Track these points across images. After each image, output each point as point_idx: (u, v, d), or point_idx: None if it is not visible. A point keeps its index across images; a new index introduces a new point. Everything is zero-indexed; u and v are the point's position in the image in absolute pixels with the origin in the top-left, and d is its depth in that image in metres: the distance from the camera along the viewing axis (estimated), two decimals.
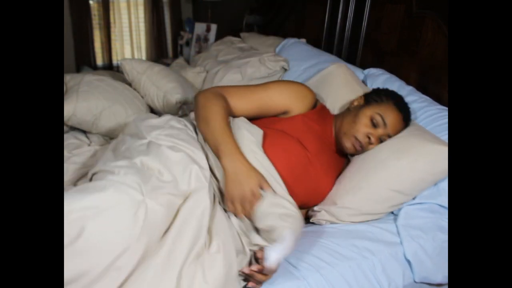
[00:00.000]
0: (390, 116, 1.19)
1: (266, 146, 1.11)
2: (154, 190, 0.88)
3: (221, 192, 1.05)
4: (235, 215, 1.01)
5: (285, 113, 1.25)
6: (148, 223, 0.84)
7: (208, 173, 1.00)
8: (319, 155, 1.19)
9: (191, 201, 0.92)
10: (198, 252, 0.88)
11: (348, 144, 1.21)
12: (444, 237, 1.14)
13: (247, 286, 0.94)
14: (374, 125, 1.19)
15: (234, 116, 1.18)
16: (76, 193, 0.84)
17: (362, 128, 1.19)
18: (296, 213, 1.00)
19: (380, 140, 1.21)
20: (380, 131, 1.19)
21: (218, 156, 1.05)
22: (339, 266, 1.03)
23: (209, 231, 0.93)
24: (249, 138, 1.09)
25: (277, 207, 0.99)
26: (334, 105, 1.48)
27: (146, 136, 1.05)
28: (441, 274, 1.13)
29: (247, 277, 0.95)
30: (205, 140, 1.09)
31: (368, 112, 1.20)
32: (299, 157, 1.15)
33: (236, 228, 1.00)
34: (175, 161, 0.97)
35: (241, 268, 0.94)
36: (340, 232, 1.14)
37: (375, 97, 1.24)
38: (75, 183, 1.02)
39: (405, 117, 1.23)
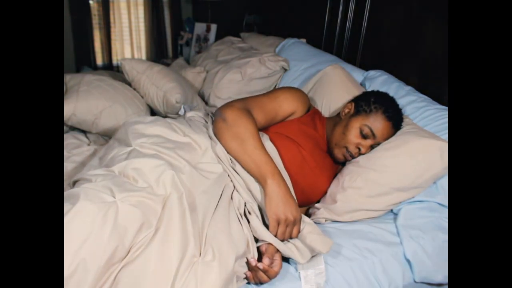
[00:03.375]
0: (379, 127, 1.21)
1: None
2: (126, 192, 0.87)
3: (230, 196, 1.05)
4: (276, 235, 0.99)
5: (286, 118, 1.27)
6: (119, 222, 0.82)
7: (190, 179, 0.98)
8: (314, 153, 1.21)
9: (168, 208, 0.90)
10: (190, 260, 0.84)
11: (339, 155, 1.25)
12: (444, 237, 1.14)
13: (245, 273, 0.93)
14: (364, 136, 1.21)
15: None
16: None
17: (352, 139, 1.22)
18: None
19: (371, 147, 1.23)
20: (369, 141, 1.22)
21: (259, 175, 1.03)
22: (339, 266, 1.03)
23: (205, 239, 0.90)
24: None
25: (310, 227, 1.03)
26: (329, 106, 1.49)
27: (132, 143, 1.05)
28: (441, 274, 1.13)
29: (249, 269, 0.94)
30: (236, 157, 1.07)
31: (357, 124, 1.22)
32: (294, 154, 1.17)
33: (246, 233, 0.98)
34: (150, 169, 0.96)
35: (249, 258, 0.93)
36: (340, 232, 1.14)
37: (364, 106, 1.25)
38: (74, 183, 1.01)
39: (395, 124, 1.24)
